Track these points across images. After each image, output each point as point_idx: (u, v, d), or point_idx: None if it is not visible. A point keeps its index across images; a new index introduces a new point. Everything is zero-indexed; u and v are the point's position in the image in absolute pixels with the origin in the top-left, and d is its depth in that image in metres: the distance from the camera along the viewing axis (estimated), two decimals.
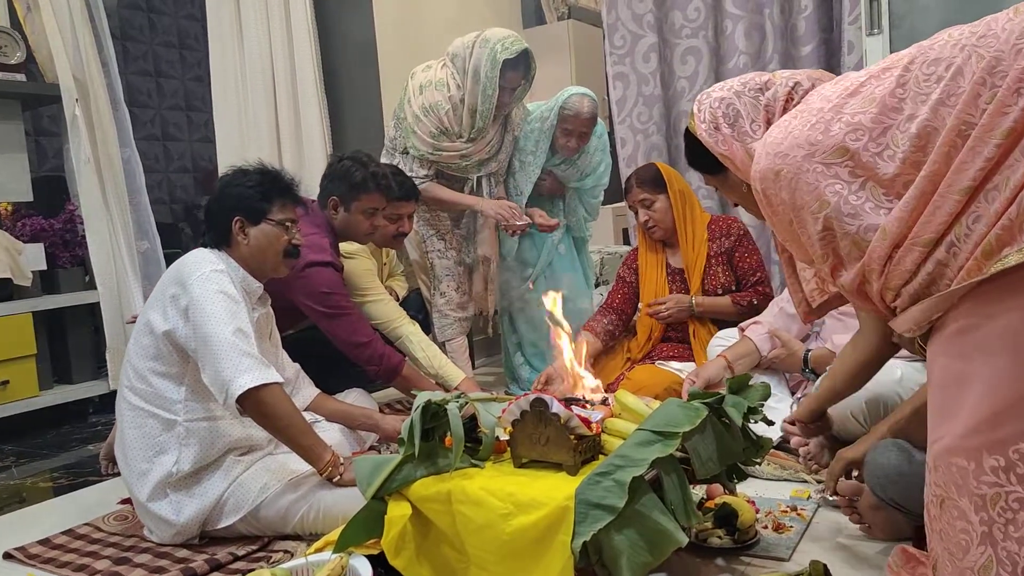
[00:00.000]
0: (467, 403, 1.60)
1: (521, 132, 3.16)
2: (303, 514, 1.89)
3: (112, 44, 3.51)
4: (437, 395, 1.58)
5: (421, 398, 1.56)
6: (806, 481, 2.05)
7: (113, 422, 2.15)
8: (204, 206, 2.06)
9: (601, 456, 1.54)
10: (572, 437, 1.49)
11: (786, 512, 1.87)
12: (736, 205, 1.63)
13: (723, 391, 1.56)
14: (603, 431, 1.58)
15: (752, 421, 1.54)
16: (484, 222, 3.18)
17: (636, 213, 2.88)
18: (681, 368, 2.70)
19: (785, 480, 2.09)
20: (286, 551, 1.85)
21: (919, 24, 2.50)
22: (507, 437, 1.58)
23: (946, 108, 1.13)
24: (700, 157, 1.52)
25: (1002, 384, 1.08)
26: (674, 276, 2.87)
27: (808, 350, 2.27)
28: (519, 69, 2.90)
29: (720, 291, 2.78)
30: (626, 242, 4.65)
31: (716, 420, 1.50)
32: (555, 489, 1.41)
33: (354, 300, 2.61)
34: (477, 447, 1.60)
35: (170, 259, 3.87)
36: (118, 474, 2.43)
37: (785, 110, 1.40)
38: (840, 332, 2.23)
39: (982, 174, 1.09)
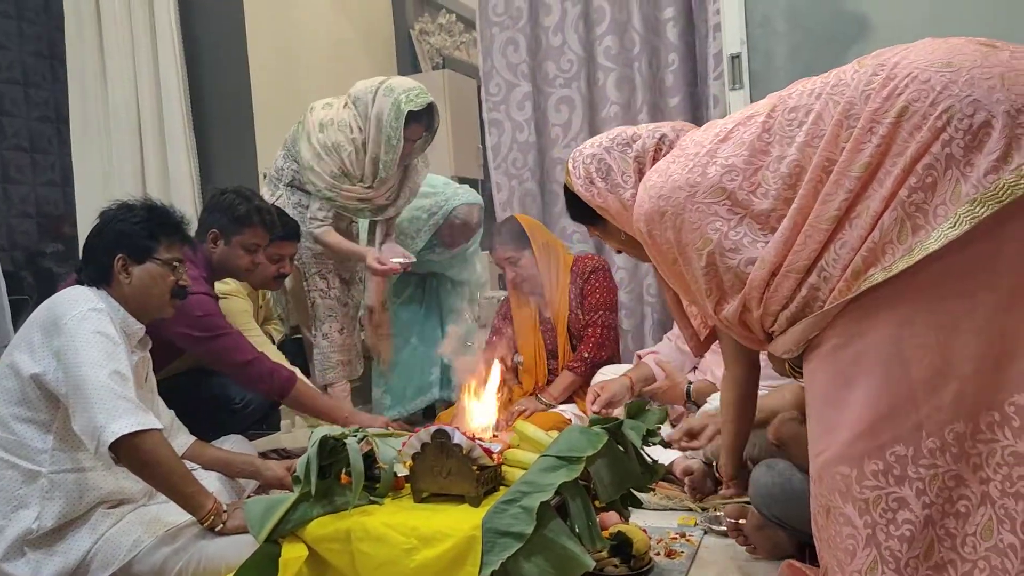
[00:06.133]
0: (364, 438, 1.57)
1: (407, 213, 3.17)
2: (182, 567, 1.76)
3: None
4: (334, 430, 1.54)
5: (317, 433, 1.51)
6: (691, 509, 2.12)
7: None
8: (84, 242, 1.93)
9: (502, 487, 1.54)
10: (475, 468, 1.48)
11: (675, 539, 1.92)
12: (620, 252, 1.73)
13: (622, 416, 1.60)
14: (504, 462, 1.58)
15: (650, 444, 1.59)
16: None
17: (503, 269, 2.93)
18: (565, 408, 2.75)
19: (671, 509, 2.15)
20: None
21: (774, 82, 2.71)
22: (406, 472, 1.56)
23: (811, 148, 1.26)
24: (579, 210, 1.63)
25: (878, 394, 1.18)
26: (546, 326, 2.91)
27: (690, 382, 2.37)
28: (422, 121, 2.88)
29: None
30: (501, 287, 4.71)
31: (615, 445, 1.53)
32: (460, 520, 1.40)
33: None
34: (374, 484, 1.56)
35: (15, 307, 3.60)
36: None
37: (655, 160, 1.51)
38: (719, 366, 2.34)
39: (846, 204, 1.20)
